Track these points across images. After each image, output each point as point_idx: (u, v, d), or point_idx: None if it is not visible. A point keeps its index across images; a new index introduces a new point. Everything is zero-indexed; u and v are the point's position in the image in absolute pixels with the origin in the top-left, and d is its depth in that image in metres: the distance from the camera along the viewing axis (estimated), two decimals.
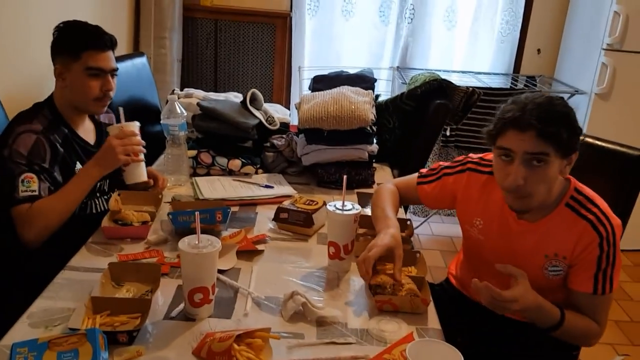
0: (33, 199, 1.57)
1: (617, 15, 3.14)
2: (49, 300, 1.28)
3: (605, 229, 1.35)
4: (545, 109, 1.28)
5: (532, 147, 1.28)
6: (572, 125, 1.30)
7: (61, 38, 1.72)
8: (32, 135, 1.63)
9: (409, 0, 3.59)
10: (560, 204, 1.40)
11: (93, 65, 1.70)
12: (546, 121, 1.26)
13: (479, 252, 1.57)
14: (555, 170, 1.32)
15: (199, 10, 3.51)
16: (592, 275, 1.37)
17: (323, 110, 2.04)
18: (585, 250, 1.36)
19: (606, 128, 3.19)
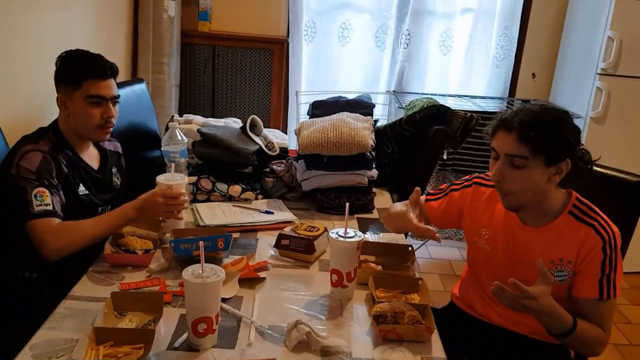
0: (48, 213, 1.56)
1: (610, 40, 3.19)
2: (51, 331, 1.27)
3: (607, 233, 1.41)
4: (533, 115, 1.37)
5: (511, 149, 1.37)
6: (558, 134, 1.36)
7: (63, 67, 1.74)
8: (39, 154, 1.64)
9: (404, 26, 3.63)
10: (564, 212, 1.46)
11: (93, 93, 1.71)
12: (529, 126, 1.35)
13: (486, 263, 1.60)
14: (538, 175, 1.38)
15: (197, 36, 3.54)
16: (597, 280, 1.41)
17: (323, 136, 2.06)
18: (589, 255, 1.41)
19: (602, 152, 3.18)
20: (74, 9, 2.48)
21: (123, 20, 3.16)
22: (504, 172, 1.40)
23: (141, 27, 3.27)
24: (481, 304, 1.66)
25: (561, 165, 1.38)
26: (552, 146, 1.36)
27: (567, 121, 1.39)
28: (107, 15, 2.93)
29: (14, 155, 1.64)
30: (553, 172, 1.39)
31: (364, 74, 3.80)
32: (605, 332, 1.43)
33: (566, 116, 1.40)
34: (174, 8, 3.29)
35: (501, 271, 1.55)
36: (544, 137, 1.35)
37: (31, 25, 2.11)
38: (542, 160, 1.36)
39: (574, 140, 1.38)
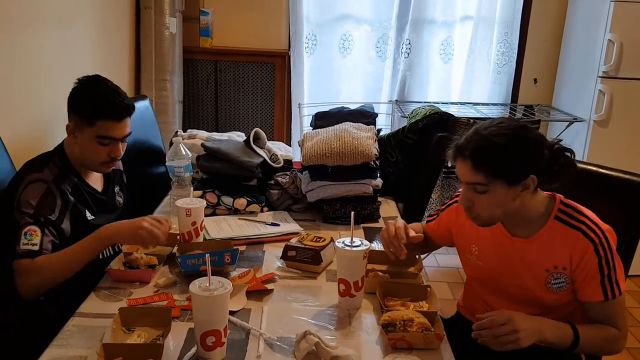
0: (32, 254, 1.53)
1: (611, 43, 3.20)
2: (60, 349, 1.27)
3: (596, 234, 1.38)
4: (484, 140, 1.35)
5: (469, 178, 1.38)
6: (511, 156, 1.34)
7: (78, 98, 1.70)
8: (42, 185, 1.61)
9: (404, 35, 3.65)
10: (550, 218, 1.44)
11: (104, 134, 1.69)
12: (481, 153, 1.35)
13: (482, 278, 1.61)
14: (502, 197, 1.37)
15: (199, 52, 3.57)
16: (598, 283, 1.39)
17: (326, 147, 2.06)
18: (583, 260, 1.39)
19: (606, 154, 3.22)
20: (76, 28, 2.51)
21: (125, 38, 3.20)
22: (469, 197, 1.41)
23: (143, 44, 3.30)
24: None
25: (526, 182, 1.36)
26: (507, 169, 1.35)
27: (523, 138, 1.36)
28: (109, 33, 2.96)
29: (18, 184, 1.61)
30: (519, 190, 1.37)
31: (366, 84, 3.81)
32: (620, 329, 1.42)
33: (521, 132, 1.36)
34: (175, 25, 3.32)
35: (499, 284, 1.55)
36: (498, 162, 1.34)
37: (34, 44, 2.14)
38: (502, 183, 1.35)
39: (533, 156, 1.36)
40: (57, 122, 1.76)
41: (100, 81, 1.74)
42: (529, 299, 1.50)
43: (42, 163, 1.69)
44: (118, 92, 1.73)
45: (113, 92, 1.72)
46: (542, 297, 1.47)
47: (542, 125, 3.61)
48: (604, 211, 1.56)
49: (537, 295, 1.48)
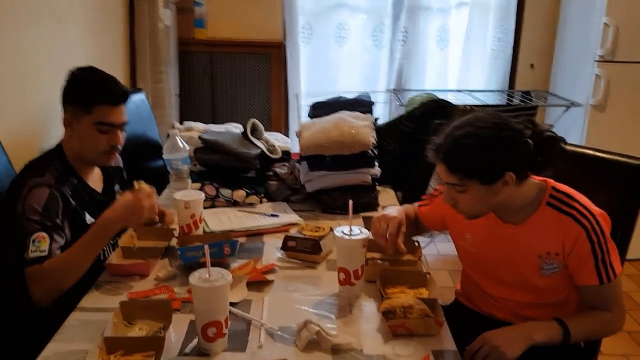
0: (42, 259, 1.50)
1: (607, 27, 3.18)
2: (61, 343, 1.27)
3: (587, 220, 1.38)
4: (456, 142, 1.35)
5: (447, 179, 1.40)
6: (484, 156, 1.33)
7: (73, 87, 1.68)
8: (45, 189, 1.58)
9: (401, 23, 3.63)
10: (542, 204, 1.43)
11: (104, 120, 1.66)
12: (453, 155, 1.36)
13: (477, 265, 1.62)
14: (482, 194, 1.37)
15: (194, 43, 3.55)
16: (592, 267, 1.39)
17: (324, 137, 2.06)
18: (576, 246, 1.39)
19: (604, 139, 3.22)
20: (70, 22, 2.50)
21: (119, 31, 3.18)
22: (451, 196, 1.43)
23: (137, 37, 3.28)
24: (482, 302, 1.66)
25: (503, 179, 1.35)
26: (480, 170, 1.34)
27: (495, 138, 1.33)
28: (103, 26, 2.94)
29: (20, 188, 1.57)
30: (499, 186, 1.36)
31: (363, 73, 3.80)
32: (615, 311, 1.44)
33: (494, 132, 1.34)
34: (169, 17, 3.30)
35: (493, 270, 1.56)
36: (469, 165, 1.34)
37: (28, 40, 2.12)
38: (477, 183, 1.36)
39: (507, 155, 1.34)
40: (53, 116, 1.74)
41: (95, 69, 1.73)
42: (524, 285, 1.51)
43: (43, 166, 1.65)
44: (114, 79, 1.72)
45: (109, 78, 1.71)
46: (536, 282, 1.48)
47: (540, 111, 3.61)
48: (601, 194, 1.56)
49: (531, 280, 1.48)
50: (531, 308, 1.54)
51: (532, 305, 1.53)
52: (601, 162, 1.72)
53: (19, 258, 1.49)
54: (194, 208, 1.75)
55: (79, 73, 1.70)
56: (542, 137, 1.39)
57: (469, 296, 1.73)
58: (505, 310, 1.59)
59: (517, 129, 1.37)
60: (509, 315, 1.59)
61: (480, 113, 1.42)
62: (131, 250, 1.67)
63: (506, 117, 1.40)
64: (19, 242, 1.50)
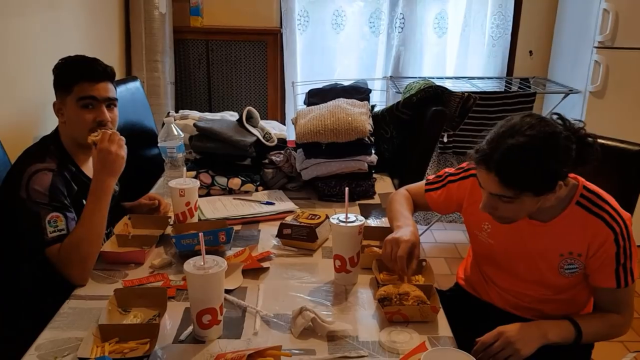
0: (62, 238, 1.51)
1: (606, 13, 3.16)
2: (56, 331, 1.27)
3: (618, 224, 1.35)
4: (512, 154, 1.26)
5: (496, 190, 1.31)
6: (541, 169, 1.26)
7: (57, 74, 1.68)
8: (48, 173, 1.57)
9: (398, 10, 3.61)
10: (571, 203, 1.39)
11: (83, 94, 1.64)
12: (508, 169, 1.27)
13: (491, 256, 1.58)
14: (530, 203, 1.32)
15: (190, 31, 3.52)
16: (613, 270, 1.38)
17: (320, 124, 2.04)
18: (602, 248, 1.36)
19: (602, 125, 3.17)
20: (64, 10, 2.47)
21: (114, 19, 3.15)
22: (493, 205, 1.36)
23: (133, 25, 3.26)
24: (485, 290, 1.65)
25: (554, 189, 1.31)
26: (538, 183, 1.28)
27: (554, 148, 1.27)
28: (98, 14, 2.92)
29: (20, 174, 1.56)
30: (551, 194, 1.32)
31: (360, 60, 3.79)
32: (624, 315, 1.43)
33: (552, 141, 1.27)
34: (164, 4, 3.27)
35: (508, 264, 1.53)
36: (527, 178, 1.27)
37: (21, 28, 2.10)
38: (530, 195, 1.30)
39: (561, 165, 1.29)
40: (47, 105, 1.72)
41: (80, 55, 1.72)
42: (539, 281, 1.49)
43: (42, 152, 1.64)
44: (95, 60, 1.70)
45: (89, 59, 1.70)
46: (553, 280, 1.46)
47: (538, 98, 3.58)
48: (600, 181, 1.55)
49: (548, 278, 1.46)
50: (541, 302, 1.52)
51: (543, 300, 1.52)
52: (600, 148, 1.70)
53: (39, 241, 1.50)
54: (189, 196, 1.74)
55: (63, 60, 1.70)
56: (582, 140, 1.33)
57: (471, 283, 1.72)
58: (509, 301, 1.58)
59: (566, 135, 1.29)
60: (510, 306, 1.58)
61: (526, 117, 1.30)
62: (126, 238, 1.66)
63: (551, 120, 1.32)
64: (33, 226, 1.51)
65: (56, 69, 1.69)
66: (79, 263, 1.49)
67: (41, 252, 1.50)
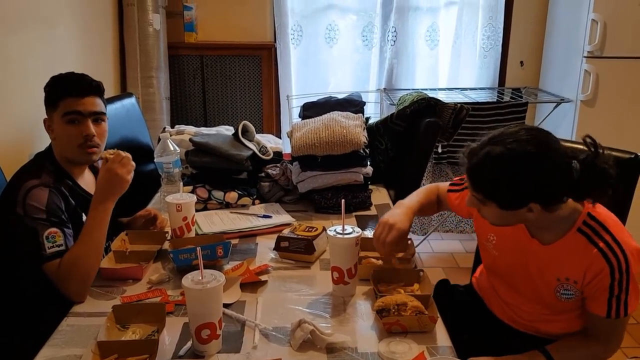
0: (62, 253, 1.51)
1: (595, 23, 3.20)
2: (55, 348, 1.27)
3: (616, 257, 1.31)
4: (484, 161, 1.27)
5: (470, 188, 1.35)
6: (506, 186, 1.26)
7: (46, 92, 1.69)
8: (44, 189, 1.57)
9: (390, 23, 3.64)
10: (572, 229, 1.36)
11: (68, 109, 1.63)
12: (477, 174, 1.31)
13: (495, 267, 1.60)
14: (502, 214, 1.32)
15: (184, 47, 3.55)
16: (605, 300, 1.34)
17: (315, 137, 2.06)
18: (596, 279, 1.33)
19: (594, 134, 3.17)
20: (59, 28, 2.49)
21: (109, 36, 3.17)
22: (474, 203, 1.37)
23: (127, 42, 3.28)
24: (489, 298, 1.67)
25: (530, 207, 1.28)
26: (501, 197, 1.28)
27: (529, 168, 1.24)
28: (93, 32, 2.93)
29: (16, 191, 1.56)
30: (525, 211, 1.29)
31: (354, 73, 3.81)
32: (607, 345, 1.41)
33: (529, 160, 1.24)
34: (159, 21, 3.30)
35: (510, 277, 1.54)
36: (492, 188, 1.29)
37: (17, 46, 2.12)
38: (495, 206, 1.30)
39: (536, 188, 1.25)
40: (42, 122, 1.73)
41: (68, 73, 1.72)
42: (538, 299, 1.48)
43: (37, 169, 1.64)
44: (81, 75, 1.70)
45: (75, 75, 1.70)
46: (550, 301, 1.45)
47: (530, 107, 3.62)
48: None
49: (546, 299, 1.45)
50: (539, 322, 1.52)
51: (541, 320, 1.52)
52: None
53: (37, 257, 1.49)
54: (186, 211, 1.75)
55: (50, 79, 1.70)
56: (593, 168, 1.28)
57: (480, 287, 1.74)
58: (509, 315, 1.59)
59: (558, 155, 1.26)
60: (509, 319, 1.59)
61: (527, 131, 1.28)
62: (123, 254, 1.66)
63: (551, 137, 1.29)
64: (31, 242, 1.50)
65: (46, 87, 1.69)
66: (78, 280, 1.48)
67: (39, 268, 1.50)
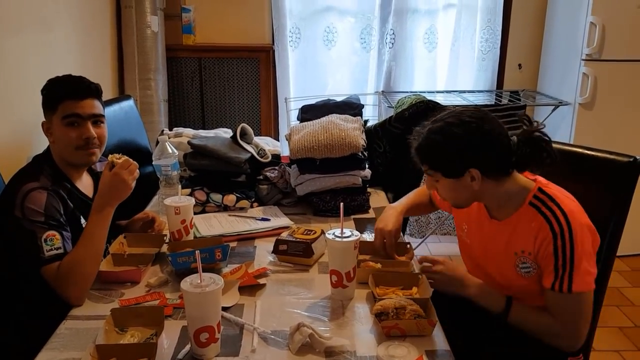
0: (60, 256, 1.51)
1: (593, 26, 3.21)
2: (53, 352, 1.27)
3: (559, 225, 1.37)
4: (426, 137, 1.44)
5: (425, 169, 1.48)
6: (444, 152, 1.42)
7: (44, 94, 1.69)
8: (43, 192, 1.57)
9: (388, 26, 3.64)
10: (525, 203, 1.45)
11: (68, 112, 1.64)
12: (420, 149, 1.46)
13: (470, 256, 1.66)
14: (452, 185, 1.45)
15: (182, 49, 3.54)
16: (551, 270, 1.38)
17: (314, 140, 2.06)
18: (542, 246, 1.40)
19: (592, 137, 3.24)
20: (58, 31, 2.49)
21: (107, 39, 3.17)
22: (431, 182, 1.50)
23: (125, 44, 3.27)
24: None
25: (470, 174, 1.41)
26: (443, 163, 1.43)
27: (463, 135, 1.39)
28: (90, 34, 2.93)
29: (15, 194, 1.55)
30: (468, 180, 1.42)
31: (352, 76, 3.81)
32: (562, 325, 1.40)
33: (463, 129, 1.39)
34: (156, 23, 3.30)
35: (481, 263, 1.59)
36: (434, 157, 1.44)
37: (15, 49, 2.11)
38: (441, 175, 1.44)
39: (472, 152, 1.39)
40: (40, 126, 1.72)
41: (66, 75, 1.72)
42: (506, 282, 1.51)
43: (36, 172, 1.64)
44: (79, 78, 1.70)
45: (73, 77, 1.70)
46: (515, 281, 1.48)
47: (528, 110, 3.62)
48: (590, 192, 1.57)
49: (511, 278, 1.49)
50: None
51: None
52: (590, 160, 1.72)
53: (35, 259, 1.49)
54: (185, 213, 1.74)
55: (50, 80, 1.70)
56: (528, 137, 1.41)
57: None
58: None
59: (493, 128, 1.40)
60: None
61: (466, 110, 1.46)
62: (122, 257, 1.66)
63: (489, 115, 1.43)
64: (29, 245, 1.50)
65: (44, 89, 1.69)
66: (77, 283, 1.48)
67: (37, 271, 1.50)
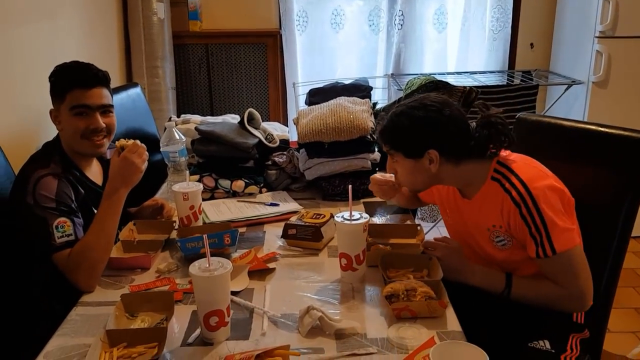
0: (71, 243, 1.51)
1: (607, 2, 3.15)
2: (64, 338, 1.27)
3: (521, 196, 1.40)
4: (389, 119, 1.52)
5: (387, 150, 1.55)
6: (405, 133, 1.49)
7: (52, 82, 1.68)
8: (54, 179, 1.57)
9: (397, 7, 3.60)
10: (487, 179, 1.48)
11: (76, 103, 1.63)
12: (385, 130, 1.53)
13: (453, 236, 1.69)
14: (411, 166, 1.50)
15: (189, 36, 3.53)
16: (530, 240, 1.41)
17: (322, 123, 2.04)
18: (511, 220, 1.43)
19: (606, 115, 3.19)
20: (64, 19, 2.48)
21: (113, 26, 3.16)
22: (391, 166, 1.57)
23: (132, 31, 3.26)
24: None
25: (429, 156, 1.46)
26: (403, 143, 1.50)
27: (423, 117, 1.46)
28: (97, 22, 2.92)
29: (26, 181, 1.55)
30: (427, 162, 1.47)
31: (361, 59, 3.78)
32: (566, 288, 1.41)
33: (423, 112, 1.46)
34: (163, 10, 3.28)
35: (465, 243, 1.61)
36: (394, 138, 1.51)
37: (22, 37, 2.11)
38: (402, 155, 1.50)
39: (431, 134, 1.46)
40: (47, 114, 1.73)
41: (73, 62, 1.71)
42: (488, 258, 1.54)
43: (46, 158, 1.64)
44: (87, 65, 1.69)
45: (82, 65, 1.69)
46: (495, 255, 1.52)
47: (541, 90, 3.56)
48: (605, 170, 1.54)
49: (491, 253, 1.52)
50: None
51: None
52: (605, 138, 1.69)
53: (47, 247, 1.50)
54: (193, 199, 1.74)
55: (58, 67, 1.69)
56: (486, 121, 1.47)
57: None
58: None
59: (452, 112, 1.47)
60: None
61: (429, 95, 1.52)
62: (131, 243, 1.66)
63: (450, 101, 1.51)
64: (41, 231, 1.50)
65: (51, 77, 1.68)
66: (88, 270, 1.48)
67: (49, 257, 1.50)
